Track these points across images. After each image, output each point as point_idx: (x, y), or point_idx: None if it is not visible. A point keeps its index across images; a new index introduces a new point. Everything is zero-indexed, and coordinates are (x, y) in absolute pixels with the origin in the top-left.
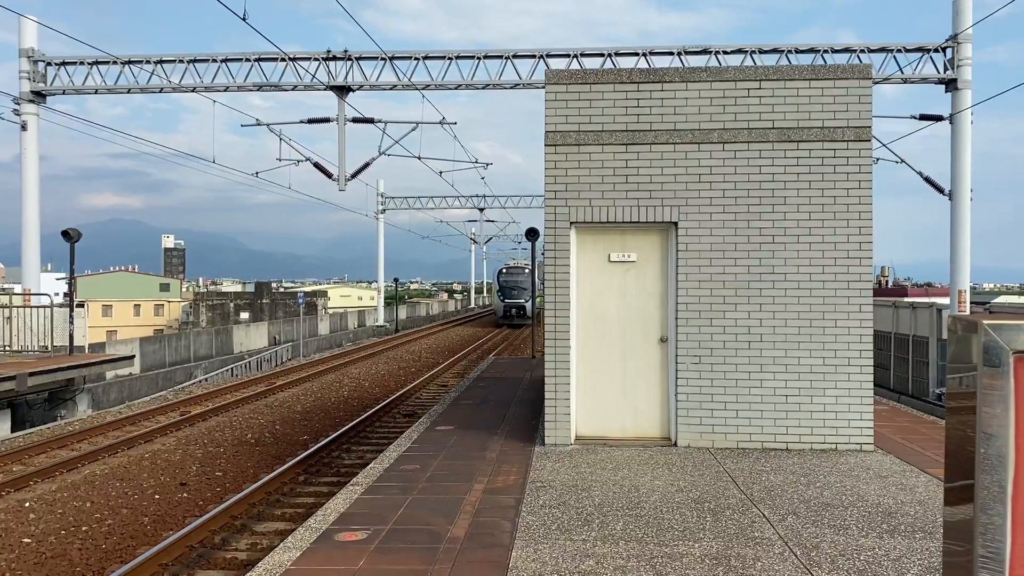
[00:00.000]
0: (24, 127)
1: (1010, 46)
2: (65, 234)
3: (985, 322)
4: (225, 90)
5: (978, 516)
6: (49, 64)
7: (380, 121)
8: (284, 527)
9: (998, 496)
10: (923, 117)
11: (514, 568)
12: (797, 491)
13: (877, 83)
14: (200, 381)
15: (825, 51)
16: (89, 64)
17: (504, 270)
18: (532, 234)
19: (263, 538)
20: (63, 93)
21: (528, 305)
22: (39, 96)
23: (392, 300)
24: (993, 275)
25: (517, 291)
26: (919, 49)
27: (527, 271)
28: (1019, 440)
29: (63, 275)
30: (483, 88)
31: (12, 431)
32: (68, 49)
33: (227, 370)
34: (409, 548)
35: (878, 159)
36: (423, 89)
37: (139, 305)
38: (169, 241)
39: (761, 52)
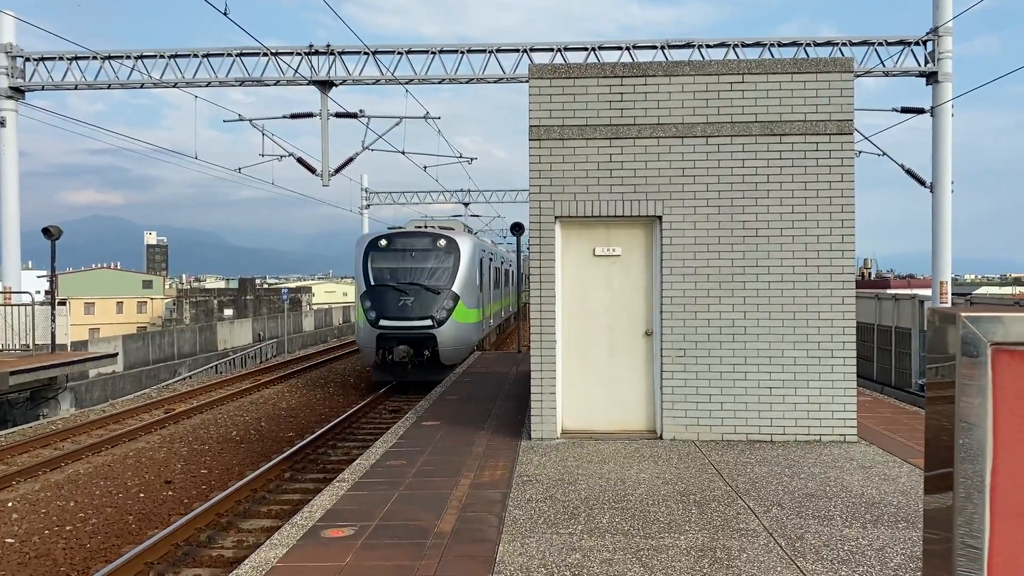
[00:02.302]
0: (2, 123)
1: (988, 40)
2: (46, 231)
3: (963, 314)
4: (207, 85)
5: (957, 505)
6: (28, 59)
7: (363, 116)
8: (270, 524)
9: (977, 485)
10: (904, 110)
11: (501, 562)
12: (781, 482)
13: (859, 76)
14: (184, 379)
15: (807, 44)
16: (68, 59)
17: (382, 241)
18: (517, 228)
19: (249, 535)
20: (42, 89)
21: (449, 331)
22: (18, 92)
23: None
24: (975, 266)
25: (415, 295)
26: (900, 42)
27: (444, 244)
28: (997, 430)
29: (44, 273)
30: (467, 83)
31: None
32: (47, 45)
33: (211, 367)
34: (396, 544)
35: (860, 152)
36: (406, 84)
37: (122, 302)
38: (152, 238)
39: (744, 45)
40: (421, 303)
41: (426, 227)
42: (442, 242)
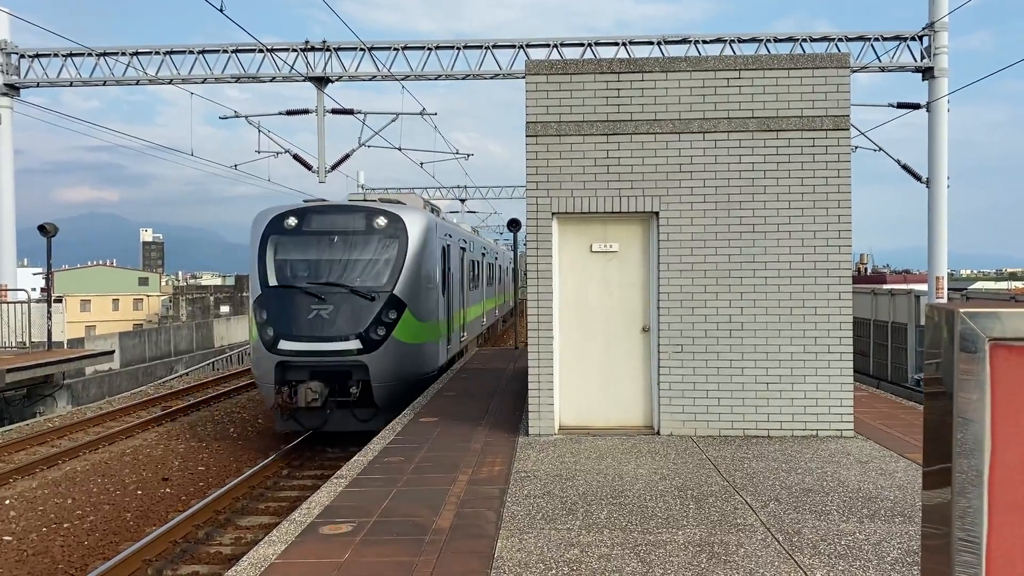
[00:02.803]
0: None
1: (984, 35)
2: (41, 229)
3: (962, 310)
4: (202, 82)
5: (956, 500)
6: (23, 56)
7: (360, 112)
8: (268, 521)
9: (975, 480)
10: (900, 105)
11: (499, 558)
12: (779, 477)
13: (855, 72)
14: (181, 376)
15: (804, 40)
16: (64, 56)
17: (290, 219)
18: (514, 225)
19: (247, 532)
20: (37, 86)
21: (388, 356)
22: (12, 89)
23: None
24: (971, 262)
25: (336, 303)
26: (896, 37)
27: (384, 224)
28: (995, 425)
29: (40, 270)
30: (463, 79)
31: None
32: (42, 42)
33: (208, 364)
34: (394, 540)
35: (856, 147)
36: (403, 80)
37: (118, 300)
38: (147, 235)
39: (740, 41)
40: (344, 315)
41: (366, 199)
42: (380, 221)
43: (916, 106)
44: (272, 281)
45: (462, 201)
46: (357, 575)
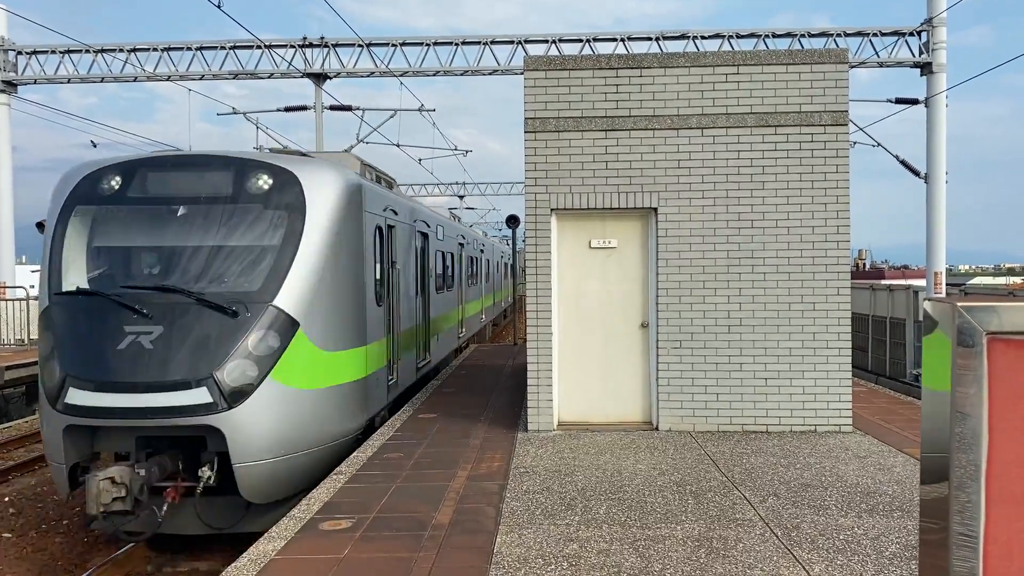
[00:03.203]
0: None
1: (982, 30)
2: (39, 226)
3: (959, 304)
4: (200, 78)
5: (953, 494)
6: (20, 53)
7: (358, 108)
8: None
9: (972, 475)
10: (899, 101)
11: (499, 553)
12: (777, 473)
13: (853, 67)
14: None
15: (802, 35)
16: (61, 53)
17: (112, 179)
18: (513, 221)
19: None
20: (35, 83)
21: (261, 415)
22: (10, 86)
23: None
24: (969, 257)
25: (171, 322)
26: (895, 33)
27: (268, 185)
28: (992, 419)
29: (38, 267)
30: (461, 75)
31: None
32: (39, 39)
33: None
34: (394, 536)
35: (855, 143)
36: (401, 76)
37: None
38: None
39: (739, 37)
40: (186, 344)
41: (259, 151)
42: (261, 182)
43: (914, 101)
44: (67, 283)
45: (461, 197)
46: (357, 571)
